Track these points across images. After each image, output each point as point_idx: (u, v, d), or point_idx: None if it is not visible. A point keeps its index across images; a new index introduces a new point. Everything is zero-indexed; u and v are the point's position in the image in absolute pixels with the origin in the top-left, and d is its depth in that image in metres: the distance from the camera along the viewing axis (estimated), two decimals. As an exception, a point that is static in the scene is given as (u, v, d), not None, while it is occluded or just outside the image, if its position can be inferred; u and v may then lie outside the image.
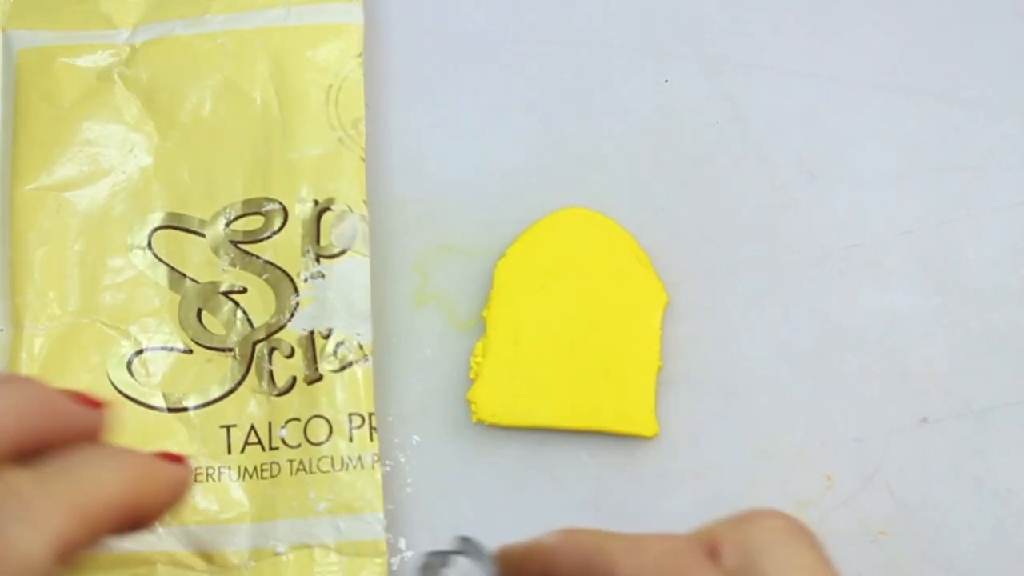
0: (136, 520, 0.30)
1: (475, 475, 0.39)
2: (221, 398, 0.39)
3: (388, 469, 0.39)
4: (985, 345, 0.40)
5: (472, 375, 0.39)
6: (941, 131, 0.42)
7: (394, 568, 0.38)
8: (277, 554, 0.37)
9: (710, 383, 0.40)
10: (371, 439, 0.38)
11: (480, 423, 0.39)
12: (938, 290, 0.41)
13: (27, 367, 0.38)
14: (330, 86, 0.40)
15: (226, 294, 0.39)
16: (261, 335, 0.39)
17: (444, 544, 0.35)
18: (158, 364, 0.39)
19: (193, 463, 0.37)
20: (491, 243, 0.41)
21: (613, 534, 0.30)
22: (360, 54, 0.41)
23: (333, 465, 0.37)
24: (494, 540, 0.37)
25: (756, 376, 0.40)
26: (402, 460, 0.39)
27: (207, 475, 0.38)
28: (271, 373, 0.39)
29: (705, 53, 0.43)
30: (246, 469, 0.38)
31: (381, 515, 0.38)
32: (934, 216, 0.41)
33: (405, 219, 0.41)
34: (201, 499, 0.38)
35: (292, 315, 0.39)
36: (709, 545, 0.30)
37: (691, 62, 0.43)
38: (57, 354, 0.39)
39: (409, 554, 0.39)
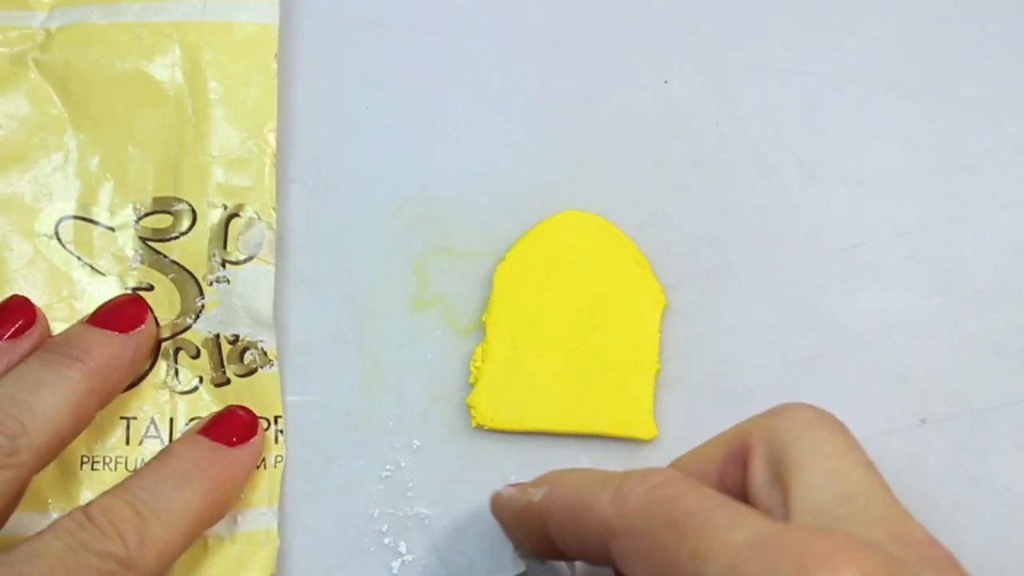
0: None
1: (475, 479, 0.40)
2: (123, 390, 0.39)
3: (388, 474, 0.40)
4: (985, 345, 0.41)
5: (472, 379, 0.40)
6: (941, 131, 0.43)
7: (395, 572, 0.39)
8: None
9: (709, 385, 0.41)
10: (276, 441, 0.39)
11: (480, 427, 0.40)
12: (938, 290, 0.41)
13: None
14: (243, 88, 0.41)
15: (134, 290, 0.40)
16: (166, 334, 0.39)
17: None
18: (62, 353, 0.39)
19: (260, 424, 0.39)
20: (491, 245, 0.42)
21: (596, 478, 0.31)
22: (275, 55, 0.41)
23: (236, 465, 0.39)
24: (495, 545, 0.39)
25: (755, 377, 0.41)
26: (403, 465, 0.40)
27: (103, 464, 0.39)
28: (176, 372, 0.39)
29: (704, 53, 0.44)
30: (144, 461, 0.39)
31: (276, 506, 0.39)
32: (934, 216, 0.42)
33: (405, 222, 0.42)
34: (95, 489, 0.38)
35: (197, 317, 0.40)
36: (741, 445, 0.31)
37: (690, 62, 0.44)
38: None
39: (410, 558, 0.39)
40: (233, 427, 0.37)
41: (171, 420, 0.39)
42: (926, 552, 0.28)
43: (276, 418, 0.39)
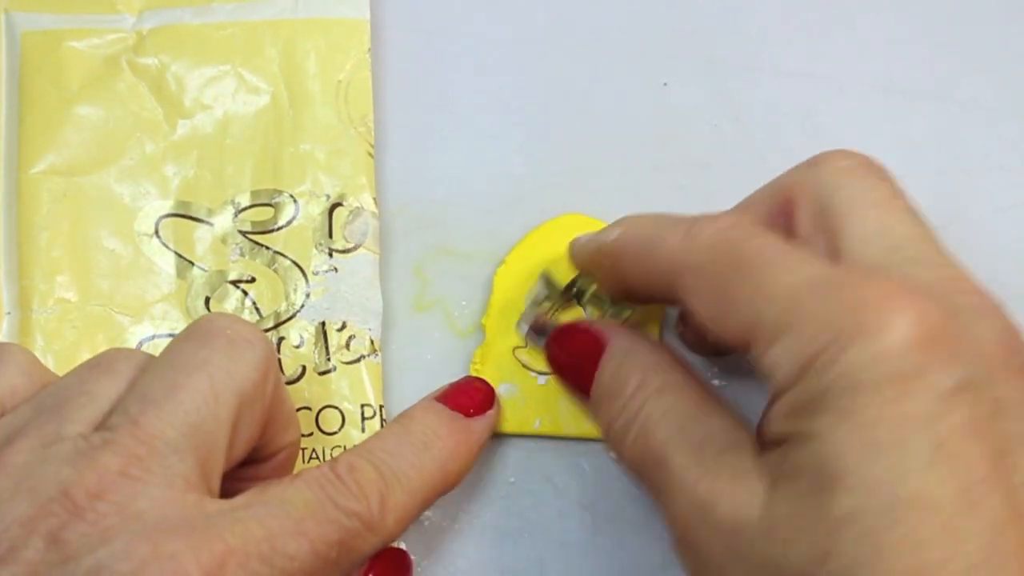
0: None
1: (475, 481, 0.41)
2: None
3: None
4: (984, 348, 0.42)
5: None
6: (940, 133, 0.44)
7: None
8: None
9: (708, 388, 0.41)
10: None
11: None
12: (937, 292, 0.42)
13: (34, 351, 0.39)
14: (339, 81, 0.42)
15: (234, 283, 0.41)
16: (269, 324, 0.41)
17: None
18: (165, 350, 0.41)
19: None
20: (491, 247, 0.43)
21: (666, 220, 0.32)
22: (368, 49, 0.43)
23: (346, 454, 0.40)
24: (493, 548, 0.40)
25: (754, 379, 0.40)
26: (403, 466, 0.41)
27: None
28: (279, 362, 0.41)
29: (704, 55, 0.45)
30: (251, 457, 0.40)
31: None
32: (933, 218, 0.41)
33: (405, 223, 0.43)
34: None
35: (302, 306, 0.41)
36: (784, 199, 0.33)
37: (690, 64, 0.45)
38: (64, 339, 0.40)
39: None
40: (471, 397, 0.38)
41: None
42: (978, 301, 0.29)
43: (380, 407, 0.40)
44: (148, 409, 0.29)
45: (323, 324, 0.41)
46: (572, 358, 0.36)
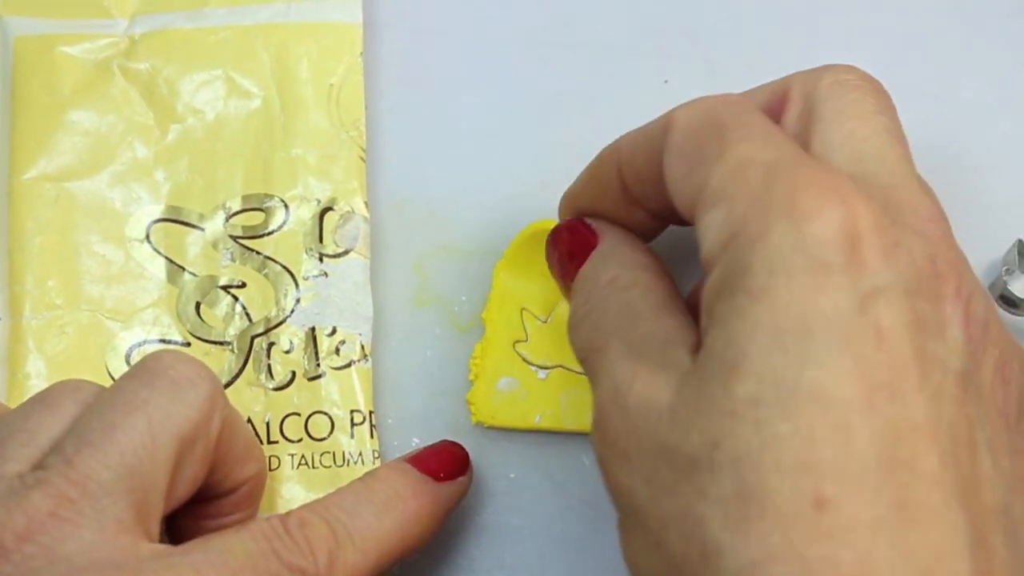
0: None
1: (474, 478, 0.40)
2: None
3: (388, 472, 0.41)
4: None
5: (472, 377, 0.41)
6: (940, 132, 0.44)
7: (395, 570, 0.39)
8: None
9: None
10: (371, 436, 0.40)
11: (479, 425, 0.40)
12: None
13: (25, 357, 0.40)
14: (331, 86, 0.43)
15: (225, 288, 0.41)
16: (259, 329, 0.41)
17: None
18: (155, 356, 0.41)
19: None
20: (491, 244, 0.43)
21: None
22: (360, 54, 0.43)
23: (335, 460, 0.40)
24: (493, 544, 0.40)
25: None
26: (403, 462, 0.41)
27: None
28: (269, 368, 0.41)
29: (704, 53, 0.45)
30: (240, 463, 0.40)
31: None
32: None
33: (405, 220, 0.43)
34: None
35: (292, 311, 0.41)
36: (780, 96, 0.33)
37: (690, 62, 0.45)
38: (55, 344, 0.40)
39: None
40: (443, 461, 0.37)
41: (267, 423, 0.40)
42: (923, 225, 0.29)
43: (370, 413, 0.40)
44: (83, 449, 0.29)
45: (313, 329, 0.41)
46: (566, 248, 0.36)
